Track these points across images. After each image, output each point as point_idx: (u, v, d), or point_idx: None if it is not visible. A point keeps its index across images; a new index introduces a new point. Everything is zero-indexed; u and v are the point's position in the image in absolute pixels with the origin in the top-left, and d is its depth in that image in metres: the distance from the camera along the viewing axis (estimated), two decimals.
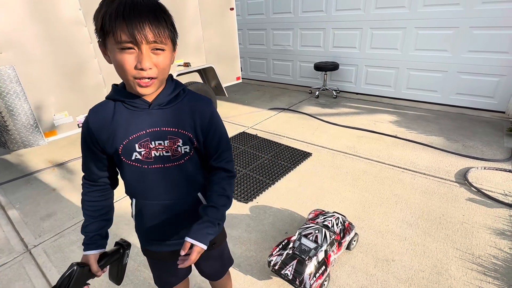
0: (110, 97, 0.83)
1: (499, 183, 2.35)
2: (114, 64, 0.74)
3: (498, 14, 3.41)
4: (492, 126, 3.42)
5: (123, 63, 0.71)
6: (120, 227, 2.11)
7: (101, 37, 0.72)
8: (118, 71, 0.75)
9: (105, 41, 0.72)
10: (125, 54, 0.70)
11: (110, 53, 0.73)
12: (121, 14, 0.66)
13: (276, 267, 1.56)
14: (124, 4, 0.67)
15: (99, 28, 0.70)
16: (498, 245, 1.77)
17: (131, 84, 0.75)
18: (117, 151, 0.82)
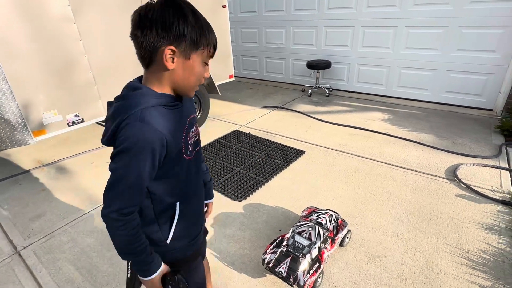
0: (158, 104, 0.77)
1: (487, 179, 2.40)
2: (187, 71, 0.79)
3: (486, 13, 3.47)
4: (480, 124, 3.49)
5: (201, 74, 0.82)
6: None
7: (181, 46, 0.75)
8: (189, 77, 0.80)
9: (189, 52, 0.77)
10: (204, 67, 0.82)
11: (192, 63, 0.78)
12: (214, 43, 0.82)
13: (270, 264, 1.57)
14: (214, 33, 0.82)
15: (184, 37, 0.74)
16: (487, 240, 1.81)
17: (192, 87, 0.83)
18: (181, 150, 0.84)
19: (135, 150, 0.73)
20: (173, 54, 0.74)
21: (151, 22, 0.72)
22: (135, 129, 0.72)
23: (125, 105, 0.76)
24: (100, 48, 2.74)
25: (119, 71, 2.95)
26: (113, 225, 0.78)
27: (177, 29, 0.73)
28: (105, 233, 2.04)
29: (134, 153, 0.73)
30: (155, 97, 0.77)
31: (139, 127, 0.72)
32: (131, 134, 0.72)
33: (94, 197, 2.45)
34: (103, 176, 2.76)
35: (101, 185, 2.62)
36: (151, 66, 0.78)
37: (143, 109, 0.74)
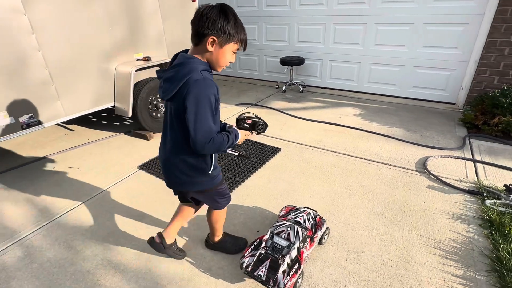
0: (207, 69, 1.19)
1: (454, 170, 2.51)
2: (221, 56, 1.19)
3: (447, 11, 3.64)
4: (445, 117, 3.66)
5: (228, 59, 1.22)
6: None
7: (223, 38, 1.14)
8: (220, 59, 1.20)
9: (225, 42, 1.16)
10: (233, 55, 1.23)
11: (224, 51, 1.18)
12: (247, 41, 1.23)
13: (249, 268, 1.51)
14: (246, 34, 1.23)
15: (225, 31, 1.13)
16: (456, 229, 1.87)
17: (220, 66, 1.23)
18: (219, 99, 1.22)
19: (209, 96, 1.14)
20: (213, 41, 1.14)
21: (207, 18, 1.11)
22: (204, 83, 1.13)
23: (185, 68, 1.14)
24: (57, 43, 2.50)
25: (81, 67, 2.73)
26: (211, 148, 1.20)
27: (220, 25, 1.12)
28: (67, 245, 1.86)
29: (209, 97, 1.14)
30: (203, 64, 1.18)
31: (205, 82, 1.13)
32: (202, 86, 1.13)
33: (55, 206, 2.24)
34: (66, 182, 2.54)
35: (63, 192, 2.40)
36: (198, 45, 1.17)
37: (200, 71, 1.15)
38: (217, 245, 1.76)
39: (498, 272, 1.55)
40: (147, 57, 3.22)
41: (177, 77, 1.14)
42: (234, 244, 1.76)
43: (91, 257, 1.77)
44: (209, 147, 1.18)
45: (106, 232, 1.98)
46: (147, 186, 2.47)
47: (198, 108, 1.13)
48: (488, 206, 1.98)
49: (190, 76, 1.12)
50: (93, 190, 2.43)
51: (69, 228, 2.02)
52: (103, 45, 2.86)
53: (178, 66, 1.16)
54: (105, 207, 2.22)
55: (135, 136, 3.42)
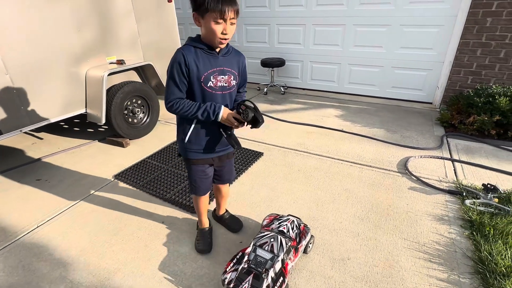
0: (191, 44, 1.30)
1: (434, 170, 2.54)
2: (206, 29, 1.23)
3: (422, 13, 3.71)
4: (423, 116, 3.74)
5: (216, 31, 1.22)
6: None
7: (199, 11, 1.21)
8: (208, 34, 1.25)
9: (203, 14, 1.20)
10: (218, 25, 1.21)
11: (206, 22, 1.21)
12: (220, 2, 1.17)
13: (231, 285, 1.42)
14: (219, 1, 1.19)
15: (200, 4, 1.18)
16: (439, 231, 1.88)
17: (216, 42, 1.26)
18: (199, 79, 1.31)
19: (171, 62, 1.29)
20: (197, 17, 1.24)
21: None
22: (174, 54, 1.29)
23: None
24: (19, 45, 2.31)
25: (47, 71, 2.54)
26: (167, 107, 1.35)
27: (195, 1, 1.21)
28: (33, 268, 1.70)
29: (170, 63, 1.29)
30: (193, 40, 1.31)
31: (175, 52, 1.29)
32: (172, 57, 1.29)
33: (20, 224, 2.06)
34: (33, 196, 2.35)
35: (30, 208, 2.22)
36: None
37: (186, 44, 1.31)
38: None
39: (481, 274, 1.55)
40: (121, 60, 3.06)
41: None
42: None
43: (58, 280, 1.63)
44: (170, 108, 1.34)
45: (77, 250, 1.83)
46: (123, 197, 2.32)
47: (167, 73, 1.31)
48: (468, 206, 2.01)
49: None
50: (63, 204, 2.26)
51: (35, 248, 1.85)
52: (71, 47, 2.68)
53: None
54: (76, 223, 2.07)
55: (110, 143, 3.24)
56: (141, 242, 1.88)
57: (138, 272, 1.66)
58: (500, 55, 3.41)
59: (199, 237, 1.82)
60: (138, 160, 2.86)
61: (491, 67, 3.49)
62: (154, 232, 1.95)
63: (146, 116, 3.40)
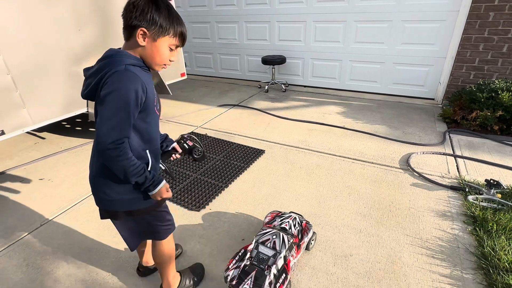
0: (136, 64, 1.01)
1: (436, 166, 2.53)
2: (155, 51, 1.03)
3: (424, 8, 3.68)
4: (425, 113, 3.72)
5: (166, 57, 1.06)
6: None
7: (152, 30, 0.99)
8: (155, 56, 1.04)
9: (157, 36, 1.01)
10: (171, 52, 1.07)
11: (158, 45, 1.02)
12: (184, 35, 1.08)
13: (234, 282, 1.43)
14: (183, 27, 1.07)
15: (157, 24, 0.99)
16: (442, 227, 1.87)
17: (156, 64, 1.06)
18: (153, 101, 1.07)
19: (123, 90, 0.93)
20: (144, 34, 0.99)
21: (134, 8, 0.97)
22: (122, 76, 0.94)
23: (110, 62, 0.97)
24: (20, 46, 2.32)
25: (48, 71, 2.55)
26: (112, 154, 0.96)
27: (150, 16, 0.97)
28: (37, 266, 1.72)
29: (122, 93, 0.93)
30: (135, 59, 1.02)
31: (125, 74, 0.95)
32: (118, 79, 0.94)
33: (23, 223, 2.07)
34: (36, 196, 2.37)
35: (33, 207, 2.23)
36: (129, 40, 1.02)
37: (127, 65, 0.97)
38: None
39: (484, 269, 1.55)
40: None
41: (98, 72, 0.97)
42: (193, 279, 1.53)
43: (63, 278, 1.64)
44: (111, 153, 0.95)
45: (80, 249, 1.84)
46: None
47: (112, 102, 0.93)
48: (471, 202, 2.00)
49: (109, 68, 0.95)
50: (66, 203, 2.27)
51: (39, 247, 1.87)
52: (72, 47, 2.68)
53: (102, 60, 0.99)
54: (79, 221, 2.08)
55: None
56: None
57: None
58: (503, 50, 3.38)
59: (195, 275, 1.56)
60: None
61: (494, 62, 3.47)
62: None
63: None
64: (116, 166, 0.99)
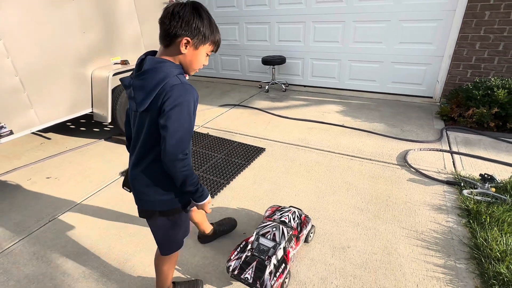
0: (181, 73, 1.07)
1: (433, 162, 2.59)
2: (193, 59, 1.09)
3: (421, 8, 3.74)
4: (423, 111, 3.77)
5: (202, 62, 1.12)
6: None
7: (196, 39, 1.04)
8: (192, 64, 1.10)
9: (199, 44, 1.06)
10: (206, 58, 1.13)
11: (198, 53, 1.08)
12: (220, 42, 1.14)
13: (235, 272, 1.49)
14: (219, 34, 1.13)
15: (202, 34, 1.04)
16: (437, 220, 1.93)
17: (193, 69, 1.12)
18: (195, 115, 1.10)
19: (185, 104, 1.00)
20: (187, 43, 1.04)
21: (180, 18, 1.01)
22: (181, 90, 1.00)
23: (158, 74, 1.01)
24: (27, 48, 2.40)
25: (55, 72, 2.63)
26: (179, 165, 1.04)
27: (195, 25, 1.02)
28: (46, 259, 1.79)
29: (185, 106, 1.00)
30: (178, 67, 1.06)
31: (184, 87, 1.01)
32: (179, 94, 0.99)
33: (32, 219, 2.15)
34: (44, 193, 2.44)
35: (40, 204, 2.31)
36: (169, 47, 1.05)
37: (177, 75, 1.04)
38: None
39: (477, 259, 1.61)
40: (125, 61, 3.14)
41: (150, 85, 1.00)
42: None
43: (71, 270, 1.71)
44: (178, 164, 1.03)
45: (87, 243, 1.91)
46: (130, 193, 2.40)
47: (177, 115, 0.99)
48: (466, 195, 2.05)
49: (166, 82, 0.99)
50: (72, 200, 2.34)
51: (48, 241, 1.94)
52: (77, 49, 2.76)
53: (149, 73, 1.02)
54: (86, 218, 2.15)
55: (115, 142, 3.33)
56: (149, 235, 1.93)
57: (147, 262, 1.73)
58: (499, 48, 3.43)
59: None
60: None
61: (490, 60, 3.52)
62: None
63: None
64: (180, 175, 1.06)
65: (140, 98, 1.03)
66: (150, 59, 1.04)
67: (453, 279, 1.53)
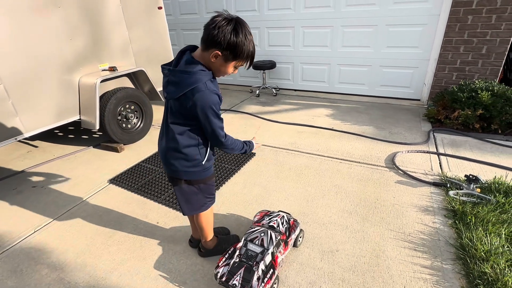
0: (208, 78, 1.23)
1: (420, 164, 2.62)
2: (221, 69, 1.26)
3: (407, 13, 3.82)
4: (411, 113, 3.83)
5: (228, 73, 1.30)
6: None
7: (228, 55, 1.20)
8: (220, 71, 1.28)
9: (229, 59, 1.22)
10: (235, 69, 1.30)
11: (226, 66, 1.24)
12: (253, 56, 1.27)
13: (223, 278, 1.48)
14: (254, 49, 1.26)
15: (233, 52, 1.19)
16: (424, 221, 1.95)
17: (219, 75, 1.30)
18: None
19: (212, 106, 1.23)
20: (218, 56, 1.19)
21: (218, 31, 1.14)
22: (208, 95, 1.21)
23: (191, 78, 1.20)
24: (12, 56, 2.37)
25: (40, 80, 2.60)
26: (227, 144, 1.40)
27: (227, 43, 1.15)
28: (31, 271, 1.75)
29: (213, 107, 1.23)
30: (207, 75, 1.23)
31: (209, 93, 1.21)
32: (206, 98, 1.21)
33: (17, 229, 2.10)
34: (29, 203, 2.39)
35: (26, 214, 2.26)
36: (205, 51, 1.21)
37: (206, 81, 1.21)
38: (212, 250, 1.77)
39: (462, 259, 1.63)
40: (113, 67, 3.12)
41: (183, 84, 1.20)
42: (227, 243, 1.80)
43: (56, 282, 1.67)
44: (227, 144, 1.38)
45: (74, 253, 1.88)
46: (118, 200, 2.37)
47: (208, 117, 1.25)
48: (452, 196, 2.09)
49: (195, 87, 1.19)
50: (59, 209, 2.30)
51: (33, 253, 1.90)
52: (63, 56, 2.74)
53: (184, 74, 1.21)
54: (73, 227, 2.11)
55: (104, 149, 3.29)
56: (137, 243, 1.93)
57: (134, 271, 1.71)
58: (482, 51, 3.52)
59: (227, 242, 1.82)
60: (133, 164, 2.91)
61: (474, 63, 3.61)
62: (149, 233, 2.01)
63: (139, 121, 3.46)
64: (231, 150, 1.45)
65: (172, 91, 1.25)
66: (187, 58, 1.24)
67: (440, 280, 1.55)
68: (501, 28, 3.34)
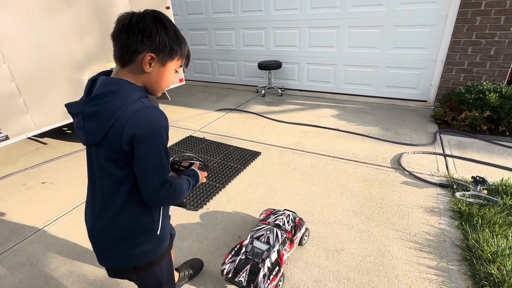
0: (143, 95, 0.89)
1: (426, 165, 2.62)
2: (161, 77, 0.92)
3: (414, 13, 3.81)
4: (418, 114, 3.82)
5: (171, 79, 0.96)
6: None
7: (161, 55, 0.88)
8: (161, 82, 0.93)
9: (166, 60, 0.90)
10: (175, 74, 0.97)
11: (165, 70, 0.92)
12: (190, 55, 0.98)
13: (229, 275, 1.50)
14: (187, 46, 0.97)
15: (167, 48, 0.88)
16: (430, 222, 1.95)
17: (160, 89, 0.96)
18: None
19: (156, 132, 0.84)
20: (152, 60, 0.87)
21: (139, 31, 0.84)
22: (146, 116, 0.83)
23: (116, 99, 0.83)
24: (24, 54, 2.42)
25: (51, 78, 2.65)
26: (161, 195, 0.89)
27: (159, 39, 0.86)
28: (41, 264, 1.79)
29: (161, 133, 0.85)
30: (140, 90, 0.88)
31: (149, 113, 0.84)
32: (145, 120, 0.83)
33: (27, 224, 2.15)
34: (38, 198, 2.44)
35: (36, 209, 2.31)
36: (128, 66, 0.87)
37: (140, 99, 0.86)
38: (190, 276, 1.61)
39: (468, 260, 1.63)
40: None
41: (105, 112, 0.82)
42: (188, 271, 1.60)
43: (66, 275, 1.71)
44: (167, 194, 0.89)
45: (82, 248, 1.91)
46: None
47: (150, 148, 0.84)
48: (458, 198, 2.08)
49: (125, 109, 0.82)
50: (68, 205, 2.34)
51: (43, 247, 1.94)
52: (74, 55, 2.79)
53: (104, 97, 0.83)
54: (81, 222, 2.15)
55: None
56: None
57: None
58: (490, 53, 3.49)
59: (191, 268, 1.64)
60: None
61: (482, 65, 3.58)
62: None
63: None
64: (176, 201, 0.94)
65: (91, 129, 0.84)
66: (103, 80, 0.86)
67: (446, 281, 1.55)
68: (510, 29, 3.31)
